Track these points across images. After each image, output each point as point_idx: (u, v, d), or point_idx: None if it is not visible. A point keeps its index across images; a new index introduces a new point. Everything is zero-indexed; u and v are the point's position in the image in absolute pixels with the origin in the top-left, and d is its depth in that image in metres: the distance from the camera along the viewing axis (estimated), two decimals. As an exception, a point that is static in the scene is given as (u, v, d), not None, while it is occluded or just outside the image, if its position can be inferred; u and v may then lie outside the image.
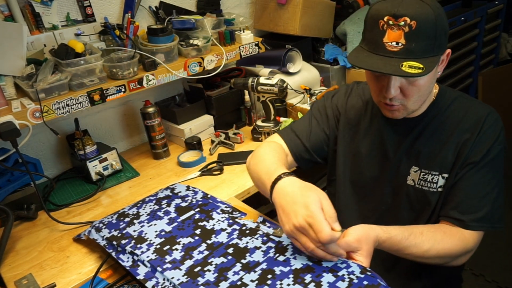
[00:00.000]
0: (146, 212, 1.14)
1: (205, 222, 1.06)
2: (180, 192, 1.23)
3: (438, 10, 0.85)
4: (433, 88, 0.99)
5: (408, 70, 0.83)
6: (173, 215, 1.11)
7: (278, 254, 0.89)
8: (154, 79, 1.49)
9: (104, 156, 1.57)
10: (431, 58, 0.85)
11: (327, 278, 0.80)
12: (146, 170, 1.64)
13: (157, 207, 1.16)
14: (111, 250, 1.03)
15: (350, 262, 0.83)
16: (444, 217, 0.98)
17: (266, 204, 1.90)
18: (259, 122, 1.77)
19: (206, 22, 1.64)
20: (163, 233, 1.04)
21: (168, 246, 0.98)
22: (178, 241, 1.00)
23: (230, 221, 1.05)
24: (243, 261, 0.89)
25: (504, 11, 3.11)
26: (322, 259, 0.83)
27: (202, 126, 1.82)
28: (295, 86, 1.91)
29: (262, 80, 1.68)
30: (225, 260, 0.91)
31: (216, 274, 0.87)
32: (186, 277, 0.87)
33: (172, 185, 1.30)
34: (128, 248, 0.99)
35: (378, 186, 1.08)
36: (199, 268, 0.89)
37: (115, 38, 1.51)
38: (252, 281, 0.83)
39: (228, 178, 1.52)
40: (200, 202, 1.16)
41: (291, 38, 2.06)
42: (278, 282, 0.81)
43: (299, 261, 0.86)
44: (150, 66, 1.48)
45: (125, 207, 1.20)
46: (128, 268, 0.95)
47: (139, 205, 1.19)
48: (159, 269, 0.91)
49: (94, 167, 1.55)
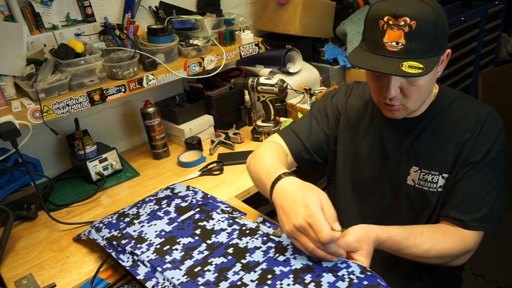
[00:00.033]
0: (146, 212, 1.14)
1: (205, 222, 1.06)
2: (180, 192, 1.23)
3: (438, 10, 0.85)
4: (433, 88, 0.99)
5: (408, 70, 0.83)
6: (173, 215, 1.11)
7: (278, 254, 0.89)
8: (154, 79, 1.49)
9: (104, 156, 1.57)
10: (431, 58, 0.85)
11: (327, 278, 0.80)
12: (146, 170, 1.64)
13: (157, 207, 1.16)
14: (111, 250, 1.03)
15: (350, 262, 0.83)
16: (444, 217, 0.98)
17: (266, 204, 1.90)
18: (259, 122, 1.77)
19: (206, 22, 1.64)
20: (163, 233, 1.04)
21: (168, 246, 0.98)
22: (178, 241, 1.00)
23: (230, 221, 1.05)
24: (243, 261, 0.89)
25: (504, 11, 3.11)
26: (322, 259, 0.83)
27: (202, 126, 1.82)
28: (295, 86, 1.91)
29: (262, 80, 1.68)
30: (225, 260, 0.91)
31: (216, 274, 0.87)
32: (186, 277, 0.87)
33: (172, 185, 1.30)
34: (128, 248, 0.99)
35: (378, 186, 1.08)
36: (199, 268, 0.89)
37: (115, 38, 1.51)
38: (252, 281, 0.83)
39: (228, 178, 1.52)
40: (200, 202, 1.16)
41: (291, 38, 2.06)
42: (278, 282, 0.81)
43: (299, 261, 0.86)
44: (150, 66, 1.48)
45: (125, 207, 1.20)
46: (128, 268, 0.95)
47: (139, 205, 1.19)
48: (159, 269, 0.91)
49: (94, 167, 1.55)
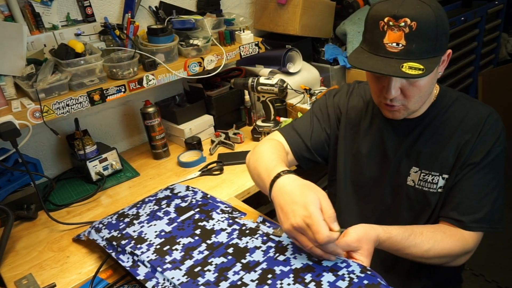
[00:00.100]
0: (146, 212, 1.14)
1: (205, 222, 1.06)
2: (179, 192, 1.23)
3: (439, 11, 0.85)
4: (433, 88, 0.99)
5: (408, 71, 0.83)
6: (173, 215, 1.11)
7: (278, 254, 0.89)
8: (154, 79, 1.49)
9: (104, 156, 1.57)
10: (432, 59, 0.85)
11: (327, 277, 0.80)
12: (146, 170, 1.64)
13: (156, 208, 1.16)
14: (111, 251, 1.03)
15: (350, 261, 0.83)
16: (444, 217, 0.98)
17: (266, 204, 1.90)
18: (259, 122, 1.77)
19: (206, 22, 1.64)
20: (163, 233, 1.04)
21: (168, 246, 0.98)
22: (178, 241, 1.00)
23: (230, 221, 1.05)
24: (243, 261, 0.89)
25: (504, 11, 3.11)
26: (320, 258, 0.84)
27: (202, 126, 1.82)
28: (295, 86, 1.91)
29: (262, 80, 1.68)
30: (225, 260, 0.91)
31: (216, 274, 0.87)
32: (186, 277, 0.87)
33: (171, 185, 1.30)
34: (128, 248, 0.99)
35: (378, 186, 1.08)
36: (199, 268, 0.89)
37: (115, 38, 1.50)
38: (252, 280, 0.83)
39: (228, 178, 1.52)
40: (200, 202, 1.16)
41: (291, 38, 2.06)
42: (279, 282, 0.81)
43: (299, 260, 0.86)
44: (150, 66, 1.48)
45: (124, 208, 1.20)
46: (128, 268, 0.95)
47: (139, 205, 1.19)
48: (159, 269, 0.91)
49: (94, 167, 1.55)
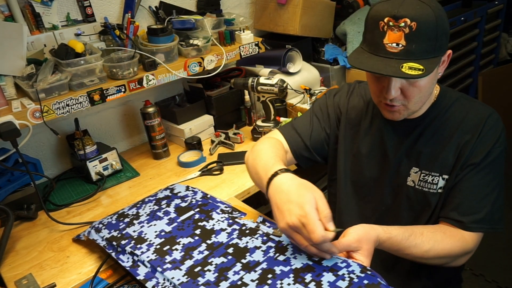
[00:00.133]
0: (145, 212, 1.14)
1: (205, 222, 1.06)
2: (179, 192, 1.23)
3: (439, 11, 0.85)
4: (434, 89, 0.99)
5: (408, 72, 0.83)
6: (173, 215, 1.11)
7: (278, 254, 0.89)
8: (154, 79, 1.49)
9: (104, 156, 1.57)
10: (432, 59, 0.85)
11: (328, 277, 0.80)
12: (146, 170, 1.64)
13: (156, 208, 1.16)
14: (111, 251, 1.03)
15: (350, 261, 0.83)
16: (444, 218, 0.98)
17: (266, 204, 1.90)
18: (259, 122, 1.77)
19: (206, 22, 1.64)
20: (163, 233, 1.04)
21: (168, 246, 0.98)
22: (178, 241, 1.00)
23: (230, 221, 1.05)
24: (243, 261, 0.89)
25: (504, 11, 3.11)
26: (316, 256, 0.84)
27: (202, 126, 1.82)
28: (295, 86, 1.91)
29: (262, 80, 1.68)
30: (225, 260, 0.91)
31: (216, 274, 0.87)
32: (186, 277, 0.87)
33: (171, 185, 1.30)
34: (128, 248, 0.99)
35: (378, 187, 1.08)
36: (199, 268, 0.89)
37: (115, 38, 1.50)
38: (252, 280, 0.83)
39: (228, 178, 1.52)
40: (199, 202, 1.16)
41: (291, 38, 2.06)
42: (279, 282, 0.81)
43: (299, 260, 0.86)
44: (150, 66, 1.48)
45: (124, 208, 1.20)
46: (128, 268, 0.95)
47: (139, 205, 1.19)
48: (159, 269, 0.91)
49: (94, 167, 1.55)
